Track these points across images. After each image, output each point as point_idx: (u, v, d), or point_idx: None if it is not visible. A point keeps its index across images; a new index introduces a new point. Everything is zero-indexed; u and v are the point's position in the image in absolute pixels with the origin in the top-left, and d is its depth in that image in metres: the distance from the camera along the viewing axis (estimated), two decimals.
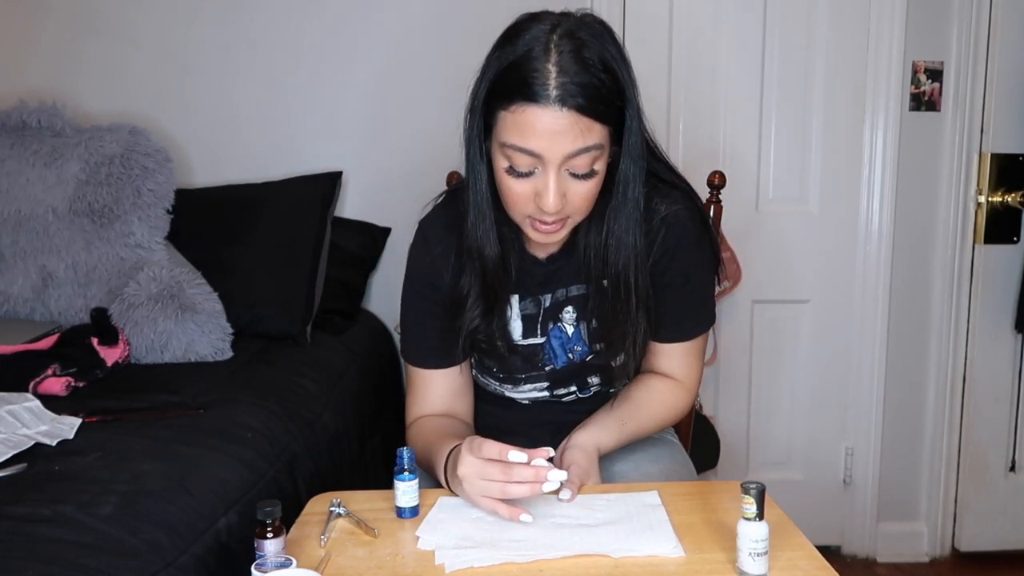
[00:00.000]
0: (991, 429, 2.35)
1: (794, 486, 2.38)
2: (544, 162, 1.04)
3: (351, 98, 2.27)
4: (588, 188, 1.08)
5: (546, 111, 1.01)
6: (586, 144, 1.03)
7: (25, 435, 1.26)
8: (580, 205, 1.09)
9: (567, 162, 1.04)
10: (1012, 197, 2.26)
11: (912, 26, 2.23)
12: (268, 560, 0.89)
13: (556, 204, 1.05)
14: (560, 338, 1.24)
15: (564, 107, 1.01)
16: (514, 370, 1.27)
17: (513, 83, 1.03)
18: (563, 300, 1.23)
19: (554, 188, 1.05)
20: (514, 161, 1.06)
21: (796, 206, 2.34)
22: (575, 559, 0.93)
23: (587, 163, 1.05)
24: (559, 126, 1.02)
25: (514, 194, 1.08)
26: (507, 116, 1.04)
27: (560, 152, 1.03)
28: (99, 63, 2.23)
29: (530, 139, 1.03)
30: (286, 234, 2.00)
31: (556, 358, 1.25)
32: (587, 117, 1.02)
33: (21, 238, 1.80)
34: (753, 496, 0.89)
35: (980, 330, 2.31)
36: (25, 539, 0.99)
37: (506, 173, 1.08)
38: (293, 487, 1.41)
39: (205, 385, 1.57)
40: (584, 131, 1.03)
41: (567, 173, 1.06)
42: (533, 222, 1.10)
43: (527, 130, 1.03)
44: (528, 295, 1.24)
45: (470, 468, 1.02)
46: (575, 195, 1.08)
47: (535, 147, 1.03)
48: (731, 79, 2.29)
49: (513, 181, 1.07)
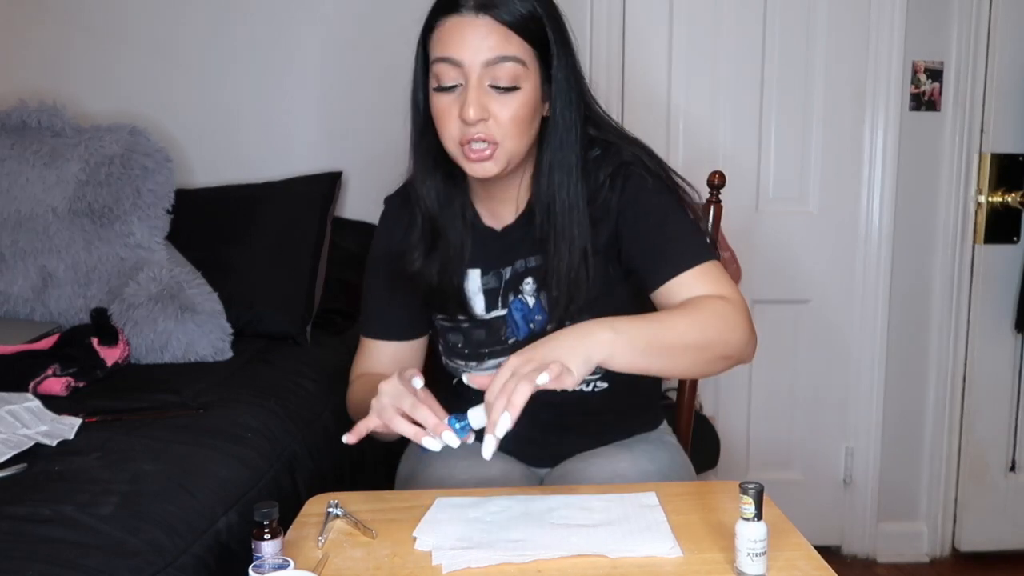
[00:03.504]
0: (991, 429, 2.35)
1: (794, 486, 2.38)
2: (465, 71, 1.09)
3: (351, 98, 2.27)
4: (514, 107, 1.10)
5: (464, 18, 1.09)
6: (504, 52, 1.09)
7: (25, 435, 1.26)
8: (508, 126, 1.11)
9: (488, 72, 1.09)
10: (1012, 197, 2.26)
11: (912, 26, 2.23)
12: (265, 561, 0.89)
13: (476, 112, 1.08)
14: (522, 310, 1.25)
15: (481, 13, 1.09)
16: (477, 345, 1.27)
17: (439, 4, 1.13)
18: (522, 272, 1.24)
19: (474, 96, 1.09)
20: (439, 75, 1.11)
21: (796, 206, 2.34)
22: (573, 559, 0.93)
23: (509, 75, 1.09)
24: (477, 32, 1.09)
25: (441, 112, 1.12)
26: (433, 36, 1.13)
27: (478, 57, 1.09)
28: (99, 63, 2.23)
29: (449, 46, 1.10)
30: (286, 234, 2.00)
31: (518, 330, 1.25)
32: (505, 26, 1.09)
33: (21, 238, 1.81)
34: (751, 496, 0.89)
35: (980, 330, 2.31)
36: (25, 539, 1.00)
37: (434, 92, 1.13)
38: (293, 487, 1.41)
39: (205, 385, 1.57)
40: (503, 40, 1.09)
41: (490, 87, 1.10)
42: (466, 150, 1.12)
43: (447, 39, 1.10)
44: (489, 269, 1.25)
45: (391, 385, 1.03)
46: (500, 113, 1.10)
47: (454, 53, 1.09)
48: (731, 79, 2.29)
49: (439, 97, 1.12)
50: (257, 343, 1.84)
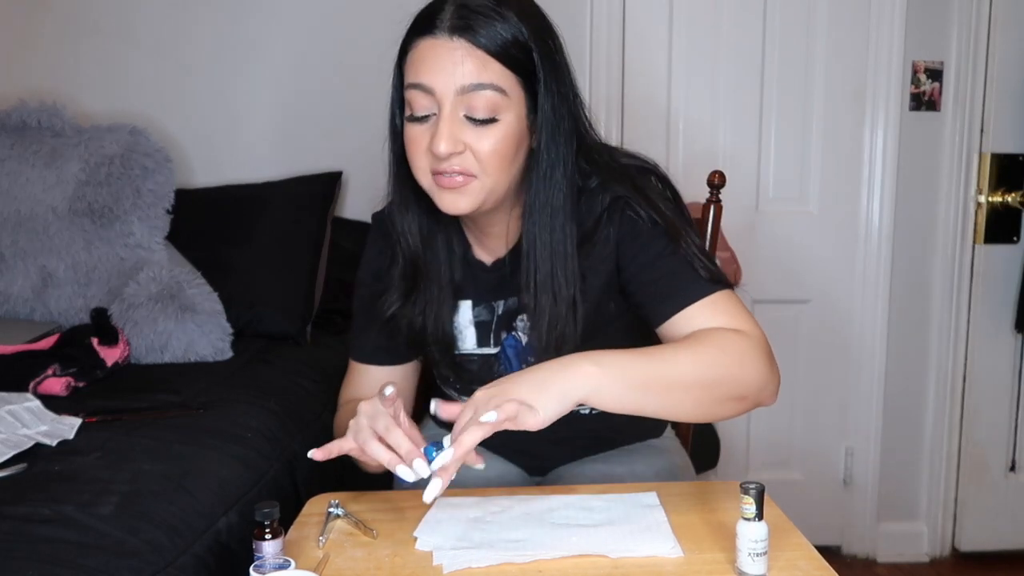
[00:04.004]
0: (991, 429, 2.35)
1: (794, 486, 2.38)
2: (438, 100, 0.99)
3: (351, 98, 2.26)
4: (492, 140, 1.00)
5: (438, 40, 0.99)
6: (480, 79, 0.98)
7: (25, 435, 1.26)
8: (487, 160, 1.00)
9: (462, 101, 0.99)
10: (1012, 197, 2.26)
11: (912, 26, 2.23)
12: (266, 561, 0.89)
13: (447, 146, 0.98)
14: (515, 347, 1.18)
15: (456, 36, 0.98)
16: (470, 380, 1.19)
17: (414, 24, 1.02)
18: (515, 308, 1.16)
19: (446, 129, 0.98)
20: (411, 103, 1.02)
21: (796, 206, 2.34)
22: (573, 559, 0.93)
23: (485, 105, 0.99)
24: (451, 56, 0.98)
25: (412, 143, 1.02)
26: (408, 59, 1.02)
27: (451, 84, 0.98)
28: (99, 63, 2.23)
29: (421, 71, 1.00)
30: (286, 234, 2.00)
31: (511, 367, 1.18)
32: (483, 51, 0.98)
33: (21, 238, 1.80)
34: (752, 496, 0.89)
35: (980, 330, 2.31)
36: (25, 539, 0.99)
37: (408, 122, 1.03)
38: (293, 487, 1.41)
39: (205, 385, 1.57)
40: (479, 66, 0.98)
41: (464, 117, 1.00)
42: (437, 179, 1.02)
43: (419, 63, 1.00)
44: (481, 301, 1.17)
45: (370, 406, 0.98)
46: (477, 146, 1.00)
47: (425, 79, 0.99)
48: (731, 79, 2.29)
49: (411, 128, 1.02)
50: (257, 343, 1.84)
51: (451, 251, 1.16)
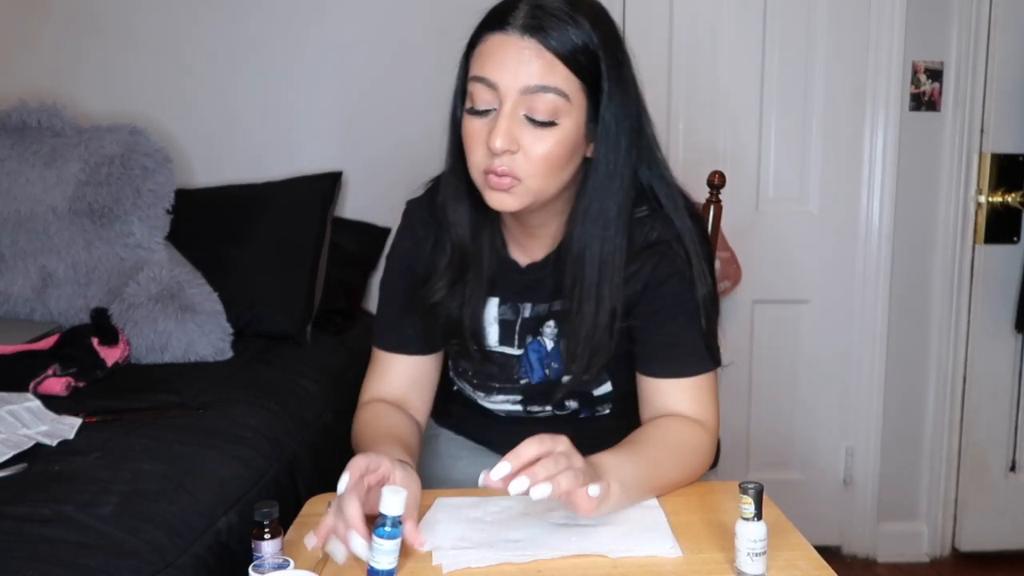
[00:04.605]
0: (991, 429, 2.35)
1: (794, 486, 2.38)
2: (500, 96, 1.00)
3: (351, 98, 2.27)
4: (548, 144, 1.01)
5: (509, 37, 0.99)
6: (544, 82, 0.99)
7: (25, 435, 1.26)
8: (537, 164, 1.01)
9: (524, 101, 0.99)
10: (1012, 197, 2.26)
11: (912, 26, 2.22)
12: (266, 561, 0.89)
13: (503, 143, 0.99)
14: (539, 352, 1.18)
15: (527, 35, 0.99)
16: (488, 378, 1.22)
17: (487, 19, 1.03)
18: (545, 315, 1.17)
19: (504, 125, 0.99)
20: (473, 96, 1.02)
21: (796, 206, 2.34)
22: (573, 559, 0.93)
23: (547, 108, 0.99)
24: (520, 55, 0.99)
25: (469, 136, 1.03)
26: (475, 52, 1.03)
27: (516, 83, 0.99)
28: (99, 63, 2.23)
29: (487, 66, 1.01)
30: (286, 234, 2.00)
31: (532, 372, 1.19)
32: (552, 53, 0.99)
33: (21, 238, 1.81)
34: (751, 496, 0.89)
35: (980, 330, 2.31)
36: (25, 539, 1.00)
37: (467, 115, 1.04)
38: (293, 487, 1.41)
39: (205, 385, 1.57)
40: (546, 68, 0.99)
41: (524, 117, 1.00)
42: (488, 178, 1.03)
43: (487, 58, 1.01)
44: (508, 300, 1.18)
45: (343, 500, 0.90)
46: (530, 148, 1.00)
47: (491, 74, 1.00)
48: (731, 79, 2.29)
49: (470, 120, 1.03)
50: (257, 343, 1.84)
51: (492, 247, 1.17)
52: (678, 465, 1.09)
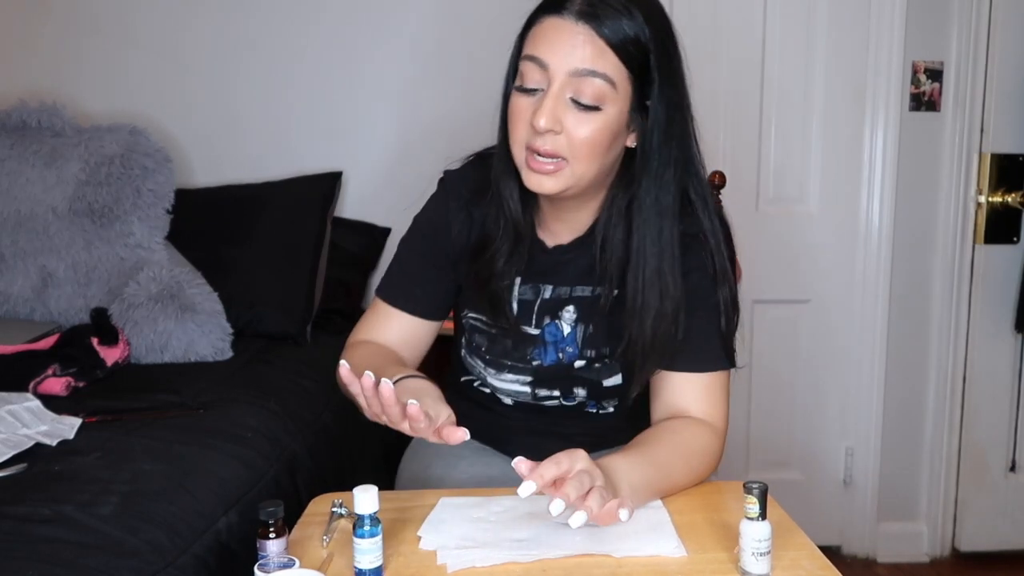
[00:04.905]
0: (991, 429, 2.35)
1: (794, 486, 2.38)
2: (549, 76, 1.03)
3: (351, 98, 2.27)
4: (590, 128, 1.03)
5: (564, 21, 1.03)
6: (593, 67, 1.02)
7: (25, 435, 1.26)
8: (579, 146, 1.04)
9: (572, 84, 1.02)
10: (1012, 197, 2.26)
11: (912, 26, 2.23)
12: (271, 560, 0.88)
13: (548, 122, 1.02)
14: (555, 335, 1.20)
15: (581, 21, 1.02)
16: (501, 354, 1.22)
17: (545, 2, 1.06)
18: (566, 298, 1.18)
19: (550, 105, 1.02)
20: (524, 75, 1.05)
21: (796, 206, 2.34)
22: (578, 559, 0.93)
23: (593, 93, 1.02)
24: (573, 39, 1.02)
25: (515, 112, 1.06)
26: (530, 33, 1.06)
27: (566, 65, 1.02)
28: (99, 63, 2.23)
29: (540, 46, 1.04)
30: (286, 234, 2.00)
31: (545, 354, 1.20)
32: (602, 40, 1.02)
33: (21, 238, 1.80)
34: (756, 496, 0.89)
35: (980, 330, 2.31)
36: (25, 539, 0.99)
37: (515, 92, 1.07)
38: (293, 487, 1.41)
39: (205, 385, 1.57)
40: (597, 53, 1.02)
41: (570, 100, 1.03)
42: (528, 158, 1.06)
43: (541, 39, 1.04)
44: (529, 280, 1.19)
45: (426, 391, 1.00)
46: (574, 131, 1.03)
47: (542, 54, 1.03)
48: (731, 79, 2.28)
49: (517, 98, 1.06)
50: (257, 343, 1.84)
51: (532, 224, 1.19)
52: (687, 468, 1.10)
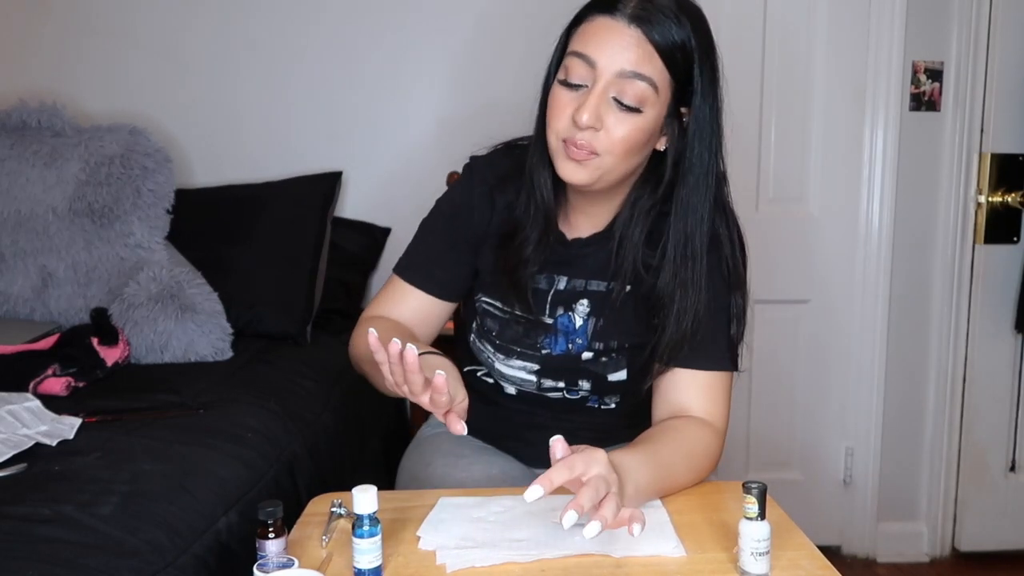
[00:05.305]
0: (991, 429, 2.35)
1: (794, 486, 2.38)
2: (596, 74, 1.05)
3: (351, 98, 2.27)
4: (628, 128, 1.06)
5: (615, 23, 1.04)
6: (640, 70, 1.04)
7: (25, 435, 1.26)
8: (616, 144, 1.06)
9: (616, 84, 1.04)
10: (1012, 197, 2.26)
11: (912, 26, 2.23)
12: (270, 560, 0.88)
13: (590, 119, 1.04)
14: (567, 327, 1.21)
15: (633, 24, 1.04)
16: (512, 340, 1.23)
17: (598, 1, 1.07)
18: (580, 291, 1.20)
19: (594, 102, 1.04)
20: (570, 70, 1.07)
21: (796, 206, 2.34)
22: (577, 558, 0.93)
23: (636, 94, 1.05)
24: (622, 41, 1.04)
25: (557, 104, 1.08)
26: (579, 29, 1.08)
27: (613, 65, 1.04)
28: (99, 63, 2.23)
29: (590, 44, 1.05)
30: (286, 234, 2.00)
31: (556, 343, 1.21)
32: (651, 44, 1.04)
33: (21, 238, 1.80)
34: (755, 496, 0.89)
35: (980, 330, 2.31)
36: (25, 539, 0.99)
37: (558, 84, 1.08)
38: (293, 487, 1.41)
39: (205, 385, 1.57)
40: (644, 57, 1.04)
41: (612, 99, 1.05)
42: (566, 147, 1.08)
43: (591, 37, 1.06)
44: (545, 270, 1.21)
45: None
46: (613, 129, 1.05)
47: (591, 52, 1.05)
48: (731, 79, 2.27)
49: (559, 91, 1.08)
50: (257, 343, 1.84)
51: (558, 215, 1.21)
52: (689, 468, 1.11)
